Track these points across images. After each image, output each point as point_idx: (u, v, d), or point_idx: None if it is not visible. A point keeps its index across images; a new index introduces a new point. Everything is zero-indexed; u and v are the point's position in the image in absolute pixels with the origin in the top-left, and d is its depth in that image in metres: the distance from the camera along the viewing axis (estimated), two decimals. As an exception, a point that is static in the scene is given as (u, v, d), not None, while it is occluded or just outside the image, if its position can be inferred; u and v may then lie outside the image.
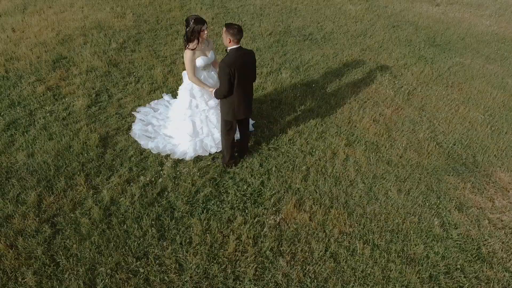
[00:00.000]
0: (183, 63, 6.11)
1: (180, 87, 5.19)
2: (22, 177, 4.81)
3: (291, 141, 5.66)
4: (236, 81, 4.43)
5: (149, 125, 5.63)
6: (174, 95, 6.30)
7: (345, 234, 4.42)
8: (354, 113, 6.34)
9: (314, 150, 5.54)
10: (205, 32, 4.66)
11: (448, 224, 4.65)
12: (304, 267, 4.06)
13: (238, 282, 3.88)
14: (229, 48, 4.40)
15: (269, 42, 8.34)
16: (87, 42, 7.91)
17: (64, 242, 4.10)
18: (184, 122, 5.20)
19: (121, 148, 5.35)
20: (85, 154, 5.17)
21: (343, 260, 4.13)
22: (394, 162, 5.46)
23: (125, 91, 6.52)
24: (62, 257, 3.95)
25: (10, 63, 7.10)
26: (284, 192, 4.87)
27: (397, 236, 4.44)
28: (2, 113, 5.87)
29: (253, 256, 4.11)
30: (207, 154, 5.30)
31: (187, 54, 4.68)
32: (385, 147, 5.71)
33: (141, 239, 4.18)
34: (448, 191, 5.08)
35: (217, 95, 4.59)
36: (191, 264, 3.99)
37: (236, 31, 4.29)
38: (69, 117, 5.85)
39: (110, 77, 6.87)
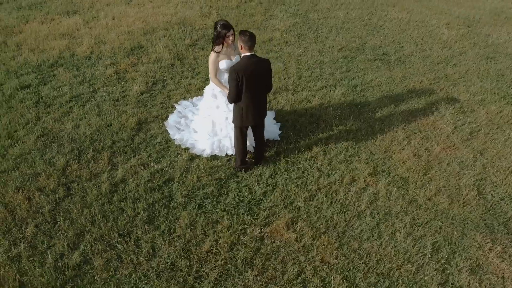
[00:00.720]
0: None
1: (206, 87, 5.42)
2: (62, 143, 5.52)
3: (313, 159, 5.49)
4: (244, 88, 4.49)
5: (183, 118, 5.97)
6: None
7: (326, 264, 4.18)
8: (395, 143, 5.88)
9: (332, 172, 5.30)
10: (230, 37, 4.80)
11: (451, 285, 4.07)
12: (269, 285, 3.95)
13: (197, 282, 3.94)
14: (242, 54, 4.48)
15: (336, 57, 8.12)
16: (166, 35, 8.64)
17: (69, 206, 4.62)
18: (205, 120, 5.41)
19: (152, 134, 5.77)
20: (119, 134, 5.71)
21: (311, 289, 3.92)
22: (417, 203, 4.95)
23: (179, 84, 6.99)
24: (61, 219, 4.46)
25: (97, 46, 8.11)
26: (283, 208, 4.77)
27: (383, 281, 4.05)
28: (72, 87, 6.76)
29: (223, 261, 4.13)
30: (223, 154, 5.43)
31: (211, 56, 4.88)
32: (415, 185, 5.19)
33: (131, 219, 4.50)
34: (468, 248, 4.44)
35: (228, 98, 4.70)
36: (163, 253, 4.17)
37: (247, 38, 4.34)
38: (122, 99, 6.49)
39: (172, 69, 7.42)
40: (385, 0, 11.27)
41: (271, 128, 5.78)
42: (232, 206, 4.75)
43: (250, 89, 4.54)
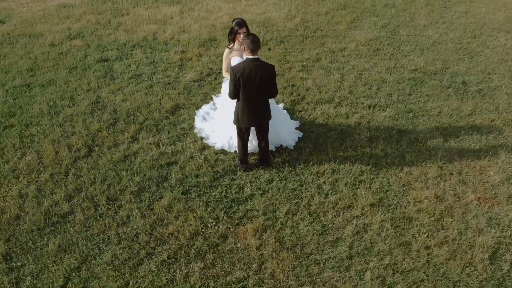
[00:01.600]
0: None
1: (223, 84, 5.61)
2: (105, 112, 6.31)
3: (318, 174, 5.29)
4: (241, 89, 4.57)
5: (214, 109, 6.26)
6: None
7: (274, 279, 4.06)
8: (421, 179, 5.28)
9: (332, 193, 5.04)
10: (241, 35, 4.90)
11: None
12: (209, 281, 4.02)
13: (148, 257, 4.21)
14: (245, 56, 4.56)
15: (403, 77, 7.51)
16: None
17: (82, 165, 5.31)
18: (220, 116, 5.61)
19: (181, 119, 6.21)
20: (153, 113, 6.28)
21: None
22: (410, 248, 4.42)
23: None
24: (71, 174, 5.16)
25: (178, 34, 8.91)
26: (261, 214, 4.74)
27: (322, 315, 3.78)
28: (139, 67, 7.60)
29: (179, 246, 4.33)
30: (232, 151, 5.58)
31: (225, 51, 5.07)
32: (418, 229, 4.63)
33: (123, 188, 4.98)
34: (443, 312, 3.84)
35: (228, 95, 4.83)
36: (133, 224, 4.54)
37: (249, 41, 4.40)
38: (173, 84, 7.08)
39: (231, 64, 7.77)
40: (499, 24, 9.89)
41: (289, 136, 5.71)
42: (214, 199, 4.89)
43: (247, 91, 4.60)
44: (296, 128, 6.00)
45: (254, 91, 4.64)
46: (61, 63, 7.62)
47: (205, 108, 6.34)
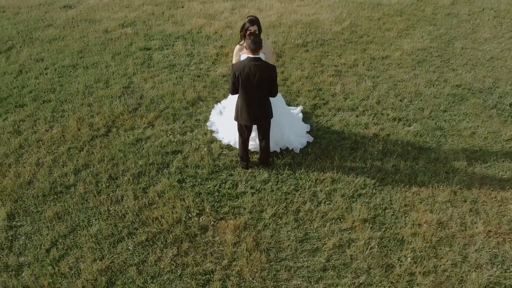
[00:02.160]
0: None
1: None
2: (132, 97, 6.69)
3: (317, 181, 5.16)
4: (239, 87, 4.61)
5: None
6: (291, 96, 6.66)
7: (239, 278, 4.07)
8: (428, 202, 4.93)
9: (326, 202, 4.90)
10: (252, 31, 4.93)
11: None
12: (176, 269, 4.15)
13: (128, 236, 4.44)
14: (246, 55, 4.60)
15: (442, 92, 7.00)
16: (284, 32, 9.01)
17: (97, 143, 5.71)
18: (230, 110, 5.68)
19: (199, 111, 6.40)
20: (174, 103, 6.54)
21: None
22: (391, 271, 4.17)
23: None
24: (85, 150, 5.58)
25: (222, 30, 9.13)
26: (247, 212, 4.76)
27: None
28: (175, 57, 7.94)
29: (158, 231, 4.50)
30: (237, 147, 5.63)
31: (236, 47, 5.14)
32: (408, 253, 4.34)
33: (126, 169, 5.28)
34: None
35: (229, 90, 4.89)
36: (125, 204, 4.81)
37: (250, 41, 4.42)
38: (202, 77, 7.31)
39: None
40: None
41: (296, 139, 5.62)
42: (206, 191, 4.99)
43: (245, 89, 4.63)
44: (307, 132, 5.88)
45: (253, 90, 4.64)
46: (108, 49, 8.20)
47: (224, 102, 6.45)
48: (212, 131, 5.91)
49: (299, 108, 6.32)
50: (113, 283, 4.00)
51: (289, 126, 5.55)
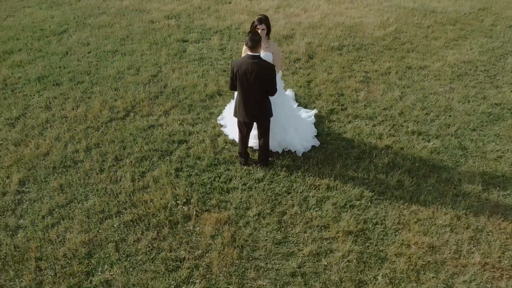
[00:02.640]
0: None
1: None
2: (157, 85, 7.00)
3: (312, 187, 5.07)
4: (237, 83, 4.67)
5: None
6: (310, 99, 6.61)
7: (207, 270, 4.14)
8: (424, 223, 4.64)
9: (315, 209, 4.80)
10: (259, 30, 4.93)
11: None
12: (150, 251, 4.32)
13: (116, 215, 4.69)
14: (246, 52, 4.64)
15: (476, 110, 6.48)
16: (322, 33, 8.85)
17: (114, 126, 6.06)
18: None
19: (215, 104, 6.54)
20: (194, 94, 6.74)
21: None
22: (361, 288, 4.01)
23: (285, 76, 7.32)
24: (100, 130, 5.95)
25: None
26: (232, 208, 4.81)
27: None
28: (208, 51, 8.15)
29: (144, 214, 4.71)
30: (242, 143, 5.69)
31: (244, 45, 5.16)
32: (389, 273, 4.13)
33: (131, 151, 5.56)
34: None
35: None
36: (122, 185, 5.08)
37: (248, 39, 4.45)
38: (227, 72, 7.43)
39: (294, 63, 7.77)
40: None
41: (300, 142, 5.55)
42: (199, 183, 5.11)
43: (243, 86, 4.67)
44: (315, 137, 5.77)
45: (249, 88, 4.66)
46: (147, 38, 8.62)
47: (240, 98, 6.51)
48: (221, 125, 6.01)
49: (313, 111, 6.21)
50: (91, 256, 4.25)
51: (294, 128, 5.48)
